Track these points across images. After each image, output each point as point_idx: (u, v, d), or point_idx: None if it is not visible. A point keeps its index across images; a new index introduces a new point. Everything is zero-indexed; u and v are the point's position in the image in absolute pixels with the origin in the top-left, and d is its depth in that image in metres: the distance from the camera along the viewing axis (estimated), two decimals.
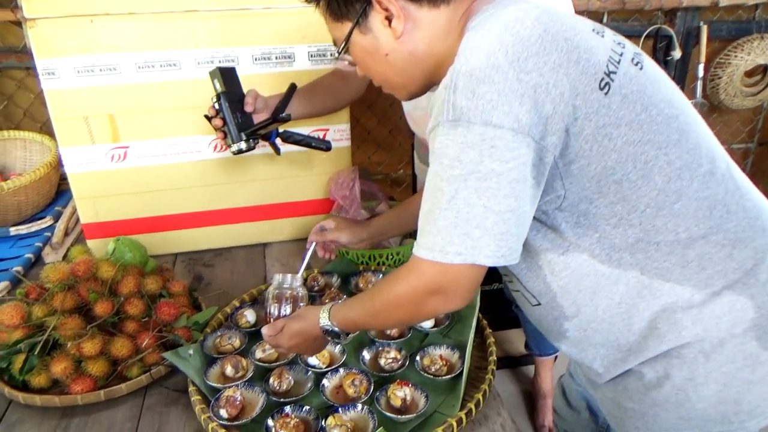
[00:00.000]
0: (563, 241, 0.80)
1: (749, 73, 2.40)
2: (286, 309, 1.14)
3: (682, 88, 2.40)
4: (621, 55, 0.77)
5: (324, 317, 0.94)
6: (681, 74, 2.36)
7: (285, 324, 1.00)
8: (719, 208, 0.78)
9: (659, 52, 2.31)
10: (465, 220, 0.70)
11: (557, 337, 0.91)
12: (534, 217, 0.78)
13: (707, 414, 0.81)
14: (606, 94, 0.72)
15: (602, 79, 0.72)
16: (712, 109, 2.48)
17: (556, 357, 2.07)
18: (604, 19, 2.28)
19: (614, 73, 0.74)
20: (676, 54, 2.26)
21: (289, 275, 1.17)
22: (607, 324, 0.83)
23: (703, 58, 2.30)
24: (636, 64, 0.78)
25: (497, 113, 0.68)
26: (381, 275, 1.36)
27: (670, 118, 0.76)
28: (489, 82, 0.68)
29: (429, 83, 0.88)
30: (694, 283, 0.78)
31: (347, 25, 0.85)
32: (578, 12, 2.16)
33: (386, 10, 0.80)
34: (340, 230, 1.28)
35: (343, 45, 0.86)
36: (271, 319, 1.13)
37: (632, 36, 2.30)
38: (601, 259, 0.79)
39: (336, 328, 0.93)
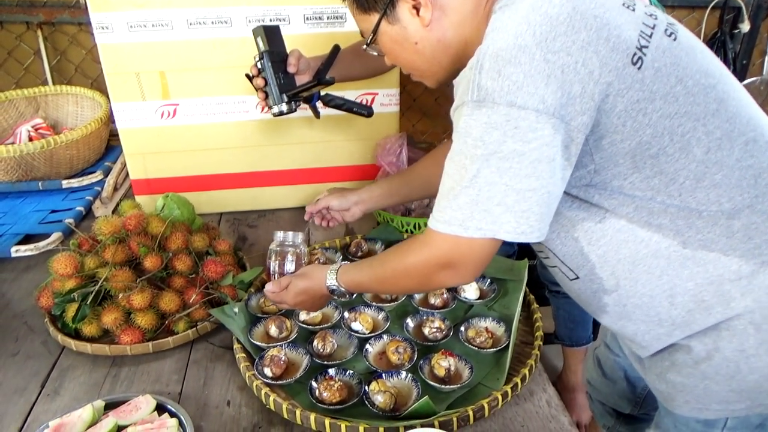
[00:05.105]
0: (599, 209, 0.80)
1: None
2: (289, 266, 1.16)
3: (748, 64, 2.25)
4: (653, 27, 0.75)
5: (331, 278, 0.96)
6: (747, 49, 2.22)
7: (290, 281, 1.02)
8: (765, 176, 0.77)
9: (726, 24, 2.17)
10: (486, 198, 0.70)
11: (597, 312, 0.90)
12: (567, 193, 0.78)
13: (760, 386, 0.80)
14: (639, 68, 0.71)
15: (634, 54, 0.71)
16: None
17: (587, 349, 1.88)
18: None
19: (646, 47, 0.72)
20: (744, 27, 2.13)
21: (291, 233, 1.19)
22: (647, 298, 0.82)
23: None
24: (669, 35, 0.76)
25: (522, 94, 0.67)
26: None
27: (707, 88, 0.75)
28: (515, 63, 0.67)
29: (457, 69, 0.86)
30: (740, 253, 0.76)
31: (375, 17, 0.84)
32: None
33: None
34: (330, 196, 1.26)
35: (371, 36, 0.87)
36: (274, 276, 1.15)
37: (697, 7, 2.17)
38: (640, 224, 0.78)
39: (342, 289, 0.96)
